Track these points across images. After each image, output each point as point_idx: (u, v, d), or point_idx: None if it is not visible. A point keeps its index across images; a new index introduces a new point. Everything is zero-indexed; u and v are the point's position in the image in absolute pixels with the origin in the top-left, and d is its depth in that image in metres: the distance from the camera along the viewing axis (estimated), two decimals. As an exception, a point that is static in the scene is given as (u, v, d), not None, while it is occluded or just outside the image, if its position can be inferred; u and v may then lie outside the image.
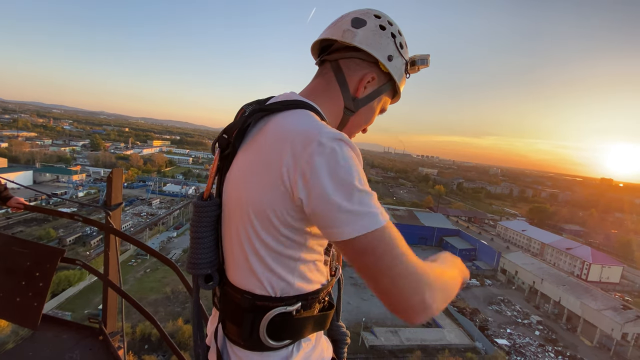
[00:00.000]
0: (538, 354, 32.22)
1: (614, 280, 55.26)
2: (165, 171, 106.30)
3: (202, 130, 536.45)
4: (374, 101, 0.90)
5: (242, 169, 0.75)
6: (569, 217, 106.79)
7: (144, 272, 38.23)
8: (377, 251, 0.61)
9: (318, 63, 0.93)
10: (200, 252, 0.81)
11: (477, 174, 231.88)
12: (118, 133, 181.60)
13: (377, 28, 0.85)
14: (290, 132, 0.68)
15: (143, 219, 57.67)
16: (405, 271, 0.62)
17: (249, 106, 0.83)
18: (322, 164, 0.61)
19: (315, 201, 0.62)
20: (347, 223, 0.60)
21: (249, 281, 0.76)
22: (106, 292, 2.07)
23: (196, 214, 0.81)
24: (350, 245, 0.61)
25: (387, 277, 0.61)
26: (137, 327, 25.14)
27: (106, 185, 1.86)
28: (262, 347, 0.77)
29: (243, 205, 0.73)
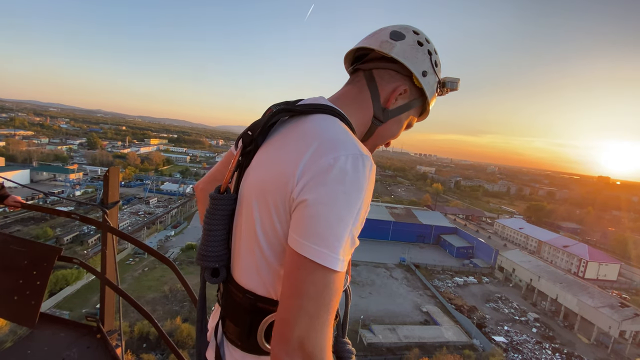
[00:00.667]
0: (535, 351, 32.42)
1: (611, 277, 55.62)
2: (163, 170, 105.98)
3: (199, 128, 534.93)
4: (403, 114, 0.90)
5: (261, 164, 0.75)
6: (566, 215, 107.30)
7: (141, 270, 38.16)
8: (314, 281, 0.58)
9: (350, 71, 0.94)
10: (211, 244, 0.80)
11: (475, 172, 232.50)
12: (115, 131, 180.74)
13: (415, 43, 0.86)
14: (315, 136, 0.68)
15: (141, 217, 57.51)
16: (313, 315, 0.58)
17: (277, 106, 0.82)
18: (339, 175, 0.61)
19: (305, 206, 0.61)
20: (311, 242, 0.59)
21: (252, 280, 0.74)
22: (104, 290, 2.07)
23: (211, 206, 0.81)
24: (302, 260, 0.59)
25: (296, 302, 0.58)
26: (135, 326, 25.12)
27: (103, 183, 1.85)
28: (259, 351, 0.75)
29: (256, 198, 0.72)
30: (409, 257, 52.61)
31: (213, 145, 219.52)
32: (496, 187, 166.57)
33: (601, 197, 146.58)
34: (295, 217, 0.62)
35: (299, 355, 0.56)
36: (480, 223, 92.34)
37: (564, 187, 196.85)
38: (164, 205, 66.59)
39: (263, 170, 0.73)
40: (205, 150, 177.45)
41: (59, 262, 2.07)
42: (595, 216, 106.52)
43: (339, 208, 0.59)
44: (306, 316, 0.57)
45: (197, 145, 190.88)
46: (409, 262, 51.14)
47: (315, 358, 0.57)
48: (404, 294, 41.14)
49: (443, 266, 52.33)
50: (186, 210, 65.36)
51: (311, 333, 0.57)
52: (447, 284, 46.23)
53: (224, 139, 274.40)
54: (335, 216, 0.59)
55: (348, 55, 0.94)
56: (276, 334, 0.59)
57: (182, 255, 43.10)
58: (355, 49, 0.91)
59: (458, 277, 49.29)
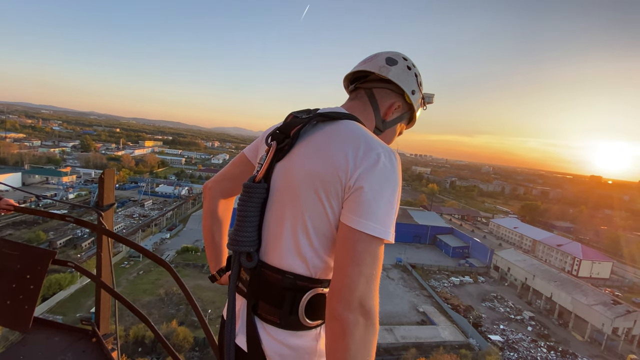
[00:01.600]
0: (531, 350, 32.64)
1: (604, 275, 56.24)
2: (158, 172, 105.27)
3: (194, 130, 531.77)
4: (397, 125, 1.13)
5: (306, 158, 0.88)
6: (559, 214, 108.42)
7: (137, 274, 37.82)
8: (370, 251, 0.76)
9: (351, 89, 1.14)
10: (245, 230, 0.91)
11: (470, 173, 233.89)
12: (109, 134, 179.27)
13: (406, 68, 1.08)
14: (359, 135, 0.85)
15: (135, 220, 57.02)
16: (370, 279, 0.75)
17: (301, 113, 0.99)
18: (384, 168, 0.80)
19: (361, 192, 0.78)
20: (369, 220, 0.76)
21: (293, 262, 0.86)
22: (99, 293, 2.04)
23: (246, 194, 0.92)
24: (360, 235, 0.76)
25: (357, 269, 0.74)
26: (130, 330, 24.87)
27: (98, 185, 1.84)
28: (298, 327, 0.87)
29: (308, 187, 0.84)
30: (405, 258, 52.74)
31: (208, 147, 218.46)
32: (491, 187, 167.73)
33: (593, 196, 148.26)
34: (352, 201, 0.78)
35: (360, 311, 0.72)
36: (476, 223, 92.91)
37: (557, 186, 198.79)
38: (159, 208, 66.09)
39: (312, 163, 0.85)
40: (200, 152, 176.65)
41: (52, 265, 2.05)
42: (588, 215, 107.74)
43: (386, 192, 0.79)
44: (364, 280, 0.74)
45: (193, 147, 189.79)
46: (405, 263, 51.26)
47: (371, 312, 0.73)
48: (401, 294, 41.22)
49: (439, 266, 52.54)
50: (182, 213, 64.90)
51: (368, 293, 0.73)
52: (444, 284, 46.41)
53: (219, 141, 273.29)
54: (385, 199, 0.78)
55: (347, 76, 1.14)
56: (338, 297, 0.73)
57: (178, 258, 42.79)
58: (353, 72, 1.11)
59: (454, 276, 49.51)
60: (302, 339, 0.88)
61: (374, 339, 0.75)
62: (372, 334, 0.74)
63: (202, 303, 31.58)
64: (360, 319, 0.72)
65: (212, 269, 1.29)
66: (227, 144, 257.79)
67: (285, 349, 0.87)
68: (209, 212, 1.23)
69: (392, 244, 9.48)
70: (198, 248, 44.99)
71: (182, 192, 76.81)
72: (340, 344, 0.71)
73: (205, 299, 31.61)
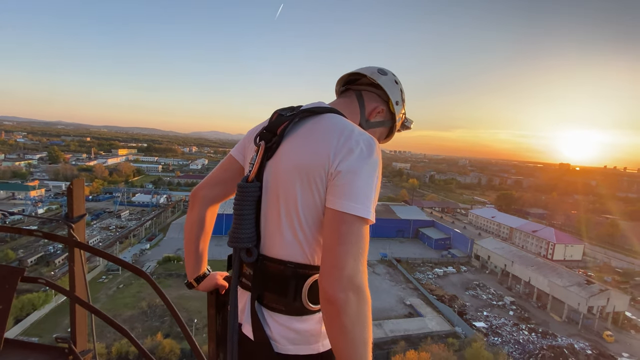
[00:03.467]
0: (513, 333, 33.89)
1: (576, 257, 59.17)
2: (134, 181, 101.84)
3: (170, 136, 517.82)
4: (377, 129, 1.21)
5: (292, 153, 0.94)
6: (533, 201, 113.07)
7: (116, 288, 36.44)
8: (354, 230, 0.82)
9: (342, 90, 1.24)
10: (243, 227, 0.97)
11: (447, 166, 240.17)
12: (79, 143, 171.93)
13: (393, 81, 1.19)
14: (340, 125, 0.93)
15: (112, 232, 54.95)
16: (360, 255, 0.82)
17: (285, 110, 1.04)
18: (361, 153, 0.86)
19: (342, 176, 0.85)
20: (349, 201, 0.83)
21: (292, 252, 0.93)
22: (74, 309, 1.95)
23: (240, 194, 0.99)
24: (343, 215, 0.82)
25: (343, 248, 0.80)
26: (112, 346, 23.94)
27: (67, 197, 1.75)
28: (302, 312, 0.94)
29: (298, 179, 0.90)
30: (390, 252, 53.51)
31: (186, 152, 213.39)
32: (468, 179, 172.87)
33: (563, 183, 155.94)
34: (334, 185, 0.86)
35: (350, 288, 0.77)
36: (456, 214, 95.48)
37: (530, 175, 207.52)
38: (137, 218, 63.93)
39: (299, 157, 0.92)
40: (178, 158, 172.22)
41: (23, 285, 1.93)
42: (559, 201, 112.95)
43: (365, 175, 0.85)
44: (351, 258, 0.80)
45: (169, 154, 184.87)
46: (390, 257, 52.01)
47: (361, 288, 0.79)
48: (387, 288, 41.78)
49: (423, 259, 53.65)
50: (161, 222, 63.07)
51: (356, 270, 0.79)
52: (428, 276, 47.43)
53: (197, 146, 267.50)
54: (363, 181, 0.85)
55: (343, 77, 1.22)
56: (328, 276, 0.80)
57: (160, 269, 41.56)
58: (349, 74, 1.21)
59: (438, 268, 50.69)
60: (307, 323, 0.95)
61: (367, 311, 0.80)
62: (365, 308, 0.79)
63: (187, 313, 30.80)
64: (351, 296, 0.77)
65: (190, 276, 1.27)
66: (205, 149, 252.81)
67: (291, 333, 0.94)
68: (196, 219, 1.21)
69: (377, 240, 9.80)
70: (180, 257, 43.85)
71: (161, 201, 74.63)
72: (336, 323, 0.78)
73: (191, 309, 30.84)
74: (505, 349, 30.10)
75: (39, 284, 2.05)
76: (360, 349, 0.78)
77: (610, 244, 73.72)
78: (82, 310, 2.00)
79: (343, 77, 1.22)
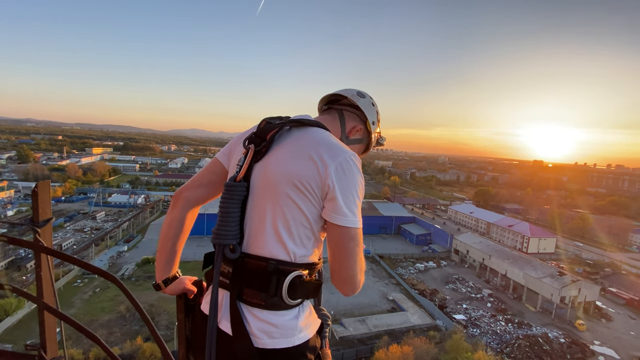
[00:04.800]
0: (491, 324, 35.11)
1: (549, 250, 61.81)
2: (109, 181, 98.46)
3: (148, 134, 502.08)
4: (356, 146, 1.34)
5: (282, 157, 1.04)
6: (508, 197, 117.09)
7: (92, 292, 35.19)
8: (355, 240, 1.03)
9: (324, 109, 1.38)
10: (228, 225, 1.02)
11: (428, 164, 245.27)
12: (50, 142, 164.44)
13: (370, 104, 1.33)
14: (331, 140, 1.06)
15: (87, 234, 52.97)
16: (359, 258, 1.06)
17: (275, 119, 1.15)
18: (353, 169, 1.01)
19: (338, 192, 0.98)
20: (348, 216, 0.99)
21: (275, 250, 1.00)
22: (42, 315, 1.88)
23: (227, 193, 1.05)
24: (343, 230, 1.00)
25: (352, 257, 1.03)
26: (90, 352, 23.13)
27: (32, 200, 1.68)
28: (281, 306, 1.01)
29: (282, 181, 1.00)
30: (373, 249, 54.19)
31: (165, 150, 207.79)
32: (447, 176, 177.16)
33: (537, 179, 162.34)
34: (331, 202, 0.99)
35: (353, 283, 1.06)
36: (436, 210, 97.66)
37: (506, 172, 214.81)
38: (114, 219, 61.89)
39: (288, 163, 1.02)
40: (156, 156, 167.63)
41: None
42: (533, 196, 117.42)
43: (354, 190, 1.01)
44: (352, 260, 1.04)
45: (147, 152, 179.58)
46: (373, 254, 52.66)
47: (360, 282, 1.07)
48: (371, 284, 42.30)
49: (405, 254, 54.62)
50: (139, 223, 61.23)
51: (355, 270, 1.05)
52: (410, 271, 48.37)
53: (176, 144, 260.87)
54: (354, 195, 1.01)
55: (326, 97, 1.35)
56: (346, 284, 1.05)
57: (139, 271, 40.41)
58: (331, 94, 1.33)
59: (419, 263, 51.74)
60: (284, 317, 1.01)
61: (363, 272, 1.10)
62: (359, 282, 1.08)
63: (168, 316, 30.17)
64: (359, 287, 1.08)
65: (158, 277, 1.25)
66: (184, 147, 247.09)
67: (270, 326, 1.00)
68: (176, 219, 1.21)
69: (359, 237, 10.04)
70: (160, 258, 42.75)
71: (138, 201, 72.50)
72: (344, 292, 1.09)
73: (172, 311, 30.18)
74: (484, 340, 31.14)
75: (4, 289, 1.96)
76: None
77: (581, 237, 77.43)
78: (52, 317, 1.93)
79: (326, 97, 1.35)
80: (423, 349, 26.15)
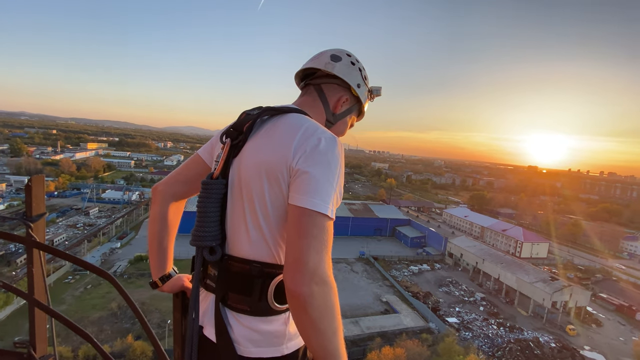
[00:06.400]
0: (483, 328, 35.27)
1: (542, 255, 62.34)
2: (104, 176, 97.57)
3: (144, 130, 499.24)
4: (347, 117, 1.21)
5: (257, 151, 0.95)
6: (503, 201, 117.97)
7: (84, 288, 34.82)
8: (315, 223, 0.81)
9: (302, 86, 1.22)
10: (206, 225, 0.95)
11: (424, 167, 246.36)
12: (44, 136, 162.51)
13: (349, 63, 1.15)
14: (302, 124, 0.94)
15: (80, 230, 52.42)
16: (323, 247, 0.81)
17: (254, 110, 1.04)
18: (322, 151, 0.87)
19: (302, 173, 0.85)
20: (309, 197, 0.82)
21: (259, 251, 0.92)
22: (32, 312, 1.84)
23: (205, 191, 0.97)
24: (304, 211, 0.82)
25: (309, 239, 0.79)
26: (79, 350, 22.88)
27: (25, 194, 1.65)
28: (268, 312, 0.92)
29: (265, 177, 0.90)
30: (367, 251, 54.23)
31: (160, 147, 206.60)
32: (443, 180, 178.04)
33: (531, 184, 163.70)
34: (295, 182, 0.86)
35: (314, 281, 0.77)
36: (431, 213, 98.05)
37: (501, 176, 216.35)
38: (107, 216, 61.31)
39: (261, 154, 0.92)
40: (151, 153, 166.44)
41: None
42: (527, 201, 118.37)
43: (325, 172, 0.85)
44: (314, 251, 0.79)
45: (143, 149, 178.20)
46: (368, 255, 52.72)
47: (325, 279, 0.79)
48: (365, 286, 42.35)
49: (399, 256, 54.74)
50: (133, 220, 60.73)
51: (319, 263, 0.79)
52: (404, 273, 48.48)
53: (172, 141, 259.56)
54: (324, 177, 0.85)
55: (298, 74, 1.20)
56: (291, 271, 0.79)
57: (132, 268, 40.06)
58: (303, 69, 1.18)
59: (413, 265, 51.89)
60: (272, 324, 0.93)
61: (334, 300, 0.80)
62: (330, 297, 0.78)
63: (160, 314, 29.94)
64: (315, 288, 0.76)
65: (155, 275, 1.23)
66: (180, 144, 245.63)
67: (255, 334, 0.91)
68: (158, 216, 1.17)
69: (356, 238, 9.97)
70: (153, 256, 42.46)
71: (133, 198, 71.83)
72: (304, 318, 0.77)
73: (164, 309, 30.00)
74: (476, 343, 31.29)
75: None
76: (331, 339, 0.78)
77: (573, 242, 78.16)
78: (42, 314, 1.90)
79: (299, 73, 1.20)
80: (415, 352, 26.21)
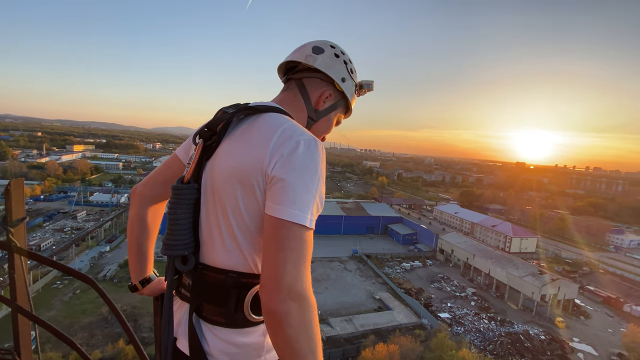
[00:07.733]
0: (475, 322, 35.79)
1: (531, 250, 63.51)
2: (91, 179, 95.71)
3: (132, 131, 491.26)
4: (331, 114, 1.10)
5: (231, 153, 0.86)
6: (492, 197, 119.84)
7: (72, 294, 34.13)
8: (294, 236, 0.74)
9: (284, 81, 1.12)
10: (178, 233, 0.88)
11: (414, 165, 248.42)
12: (29, 138, 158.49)
13: (333, 55, 1.06)
14: (279, 125, 0.84)
15: (67, 234, 51.34)
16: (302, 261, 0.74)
17: (230, 108, 0.96)
18: (300, 156, 0.78)
19: (279, 180, 0.77)
20: (287, 207, 0.75)
21: (234, 260, 0.85)
22: (16, 319, 1.80)
23: (175, 197, 0.89)
24: (281, 222, 0.74)
25: (282, 255, 0.72)
26: (70, 356, 22.44)
27: (4, 199, 1.61)
28: (244, 324, 0.86)
29: (238, 182, 0.82)
30: (360, 249, 54.46)
31: (149, 149, 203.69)
32: (433, 177, 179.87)
33: (519, 180, 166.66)
34: (271, 190, 0.78)
35: (291, 297, 0.70)
36: (422, 211, 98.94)
37: (490, 173, 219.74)
38: (95, 219, 60.20)
39: (235, 158, 0.84)
40: (140, 155, 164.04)
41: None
42: (515, 197, 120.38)
43: (304, 179, 0.77)
44: (290, 265, 0.72)
45: (131, 150, 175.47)
46: (360, 254, 52.94)
47: (303, 295, 0.71)
48: (358, 284, 42.53)
49: (392, 254, 55.12)
50: (122, 222, 59.74)
51: (296, 277, 0.71)
52: (396, 270, 48.85)
53: (161, 142, 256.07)
54: (302, 185, 0.77)
55: (280, 67, 1.11)
56: (267, 287, 0.72)
57: (121, 272, 39.41)
58: (285, 62, 1.08)
59: (405, 262, 52.31)
60: (249, 336, 0.87)
61: (312, 319, 0.73)
62: (309, 315, 0.72)
63: (151, 317, 29.38)
64: (292, 305, 0.70)
65: (134, 278, 1.21)
66: (170, 145, 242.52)
67: (231, 347, 0.86)
68: (137, 218, 1.14)
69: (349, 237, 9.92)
70: (144, 258, 41.84)
71: (122, 200, 70.68)
72: (280, 335, 0.70)
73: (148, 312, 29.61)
74: (468, 338, 31.73)
75: (-26, 293, 1.87)
76: (307, 359, 0.71)
77: (561, 236, 79.86)
78: (26, 320, 1.86)
79: (281, 67, 1.12)
80: (409, 348, 26.45)
